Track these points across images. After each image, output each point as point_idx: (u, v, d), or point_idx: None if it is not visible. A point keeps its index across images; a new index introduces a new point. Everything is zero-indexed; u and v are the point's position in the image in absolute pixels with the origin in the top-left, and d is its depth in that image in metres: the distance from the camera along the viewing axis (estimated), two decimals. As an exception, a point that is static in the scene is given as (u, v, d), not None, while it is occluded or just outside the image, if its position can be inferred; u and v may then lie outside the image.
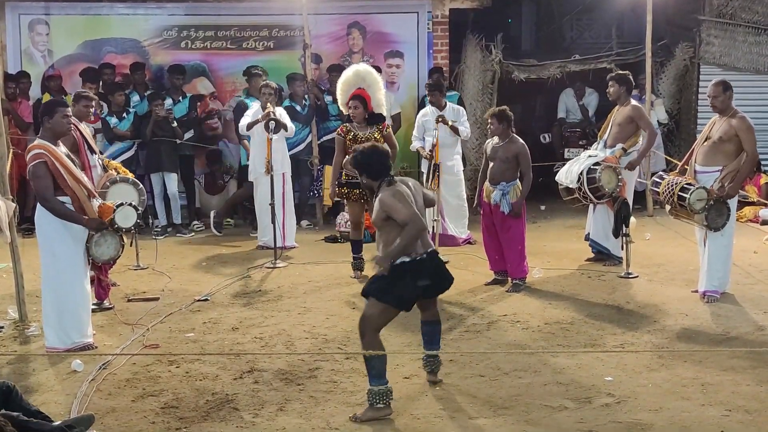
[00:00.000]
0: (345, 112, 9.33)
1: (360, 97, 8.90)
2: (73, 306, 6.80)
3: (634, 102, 9.50)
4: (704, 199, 7.71)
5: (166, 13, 12.85)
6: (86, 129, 8.60)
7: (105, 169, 8.61)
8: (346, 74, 9.21)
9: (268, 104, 10.20)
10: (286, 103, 11.66)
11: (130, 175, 8.71)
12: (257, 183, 10.47)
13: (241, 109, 11.40)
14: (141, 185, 8.70)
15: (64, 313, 6.76)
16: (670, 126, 13.56)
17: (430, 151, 10.21)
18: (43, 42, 12.73)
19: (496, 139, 8.61)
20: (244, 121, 10.48)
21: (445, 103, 10.54)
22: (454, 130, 10.33)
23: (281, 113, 10.50)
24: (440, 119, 10.18)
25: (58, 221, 6.69)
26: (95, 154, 8.60)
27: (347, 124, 9.04)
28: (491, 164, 8.59)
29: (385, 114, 9.28)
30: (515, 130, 8.64)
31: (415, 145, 10.72)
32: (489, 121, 8.56)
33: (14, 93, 11.88)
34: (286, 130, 10.36)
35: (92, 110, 9.01)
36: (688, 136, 13.15)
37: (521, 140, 8.56)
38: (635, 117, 9.24)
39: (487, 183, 8.66)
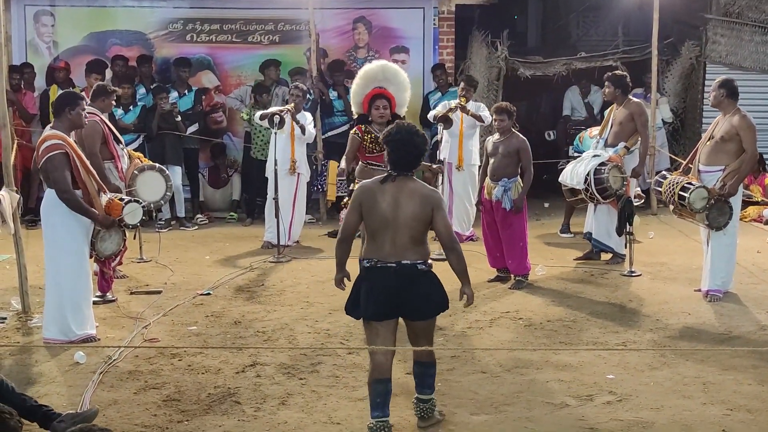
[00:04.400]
0: (358, 110, 8.40)
1: (387, 98, 8.08)
2: (76, 299, 6.80)
3: (635, 99, 9.49)
4: (705, 198, 7.70)
5: (172, 5, 12.84)
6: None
7: (130, 158, 8.71)
8: (370, 68, 8.37)
9: (291, 103, 10.21)
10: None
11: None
12: (271, 180, 10.32)
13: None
14: (167, 171, 8.86)
15: (68, 305, 6.76)
16: (675, 125, 13.54)
17: (451, 109, 10.16)
18: (49, 33, 12.73)
19: (496, 135, 8.60)
20: (260, 112, 10.52)
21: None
22: (477, 117, 10.34)
23: (305, 117, 10.50)
24: (458, 106, 10.17)
25: (67, 213, 6.67)
26: (121, 144, 8.68)
27: (366, 125, 8.21)
28: (491, 160, 8.58)
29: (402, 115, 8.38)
30: (518, 126, 8.65)
31: (437, 110, 10.40)
32: (496, 117, 8.53)
33: (18, 84, 11.87)
34: (303, 133, 10.36)
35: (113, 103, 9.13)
36: (693, 135, 13.13)
37: (522, 135, 8.55)
38: (635, 114, 9.20)
39: (487, 179, 8.64)
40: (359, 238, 5.39)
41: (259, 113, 10.44)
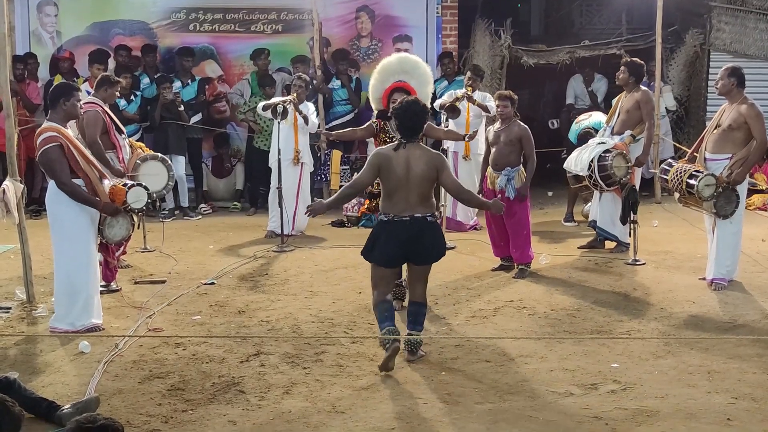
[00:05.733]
0: (378, 106, 7.82)
1: (407, 91, 7.41)
2: (85, 288, 6.80)
3: (643, 87, 9.46)
4: (713, 186, 7.69)
5: (175, -5, 12.84)
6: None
7: (131, 149, 8.74)
8: (388, 61, 7.93)
9: (293, 94, 10.21)
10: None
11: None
12: (274, 170, 10.31)
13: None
14: (169, 161, 8.91)
15: (76, 294, 6.77)
16: (679, 113, 13.51)
17: (457, 98, 10.11)
18: (52, 23, 12.74)
19: (497, 123, 8.57)
20: (263, 102, 10.54)
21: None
22: (483, 108, 10.33)
23: (308, 107, 10.52)
24: (464, 96, 10.14)
25: (71, 203, 6.68)
26: (123, 134, 8.70)
27: (386, 122, 7.62)
28: (493, 149, 8.55)
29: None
30: (520, 115, 8.62)
31: (443, 99, 10.27)
32: (499, 103, 8.51)
33: (22, 74, 11.88)
34: (306, 123, 10.37)
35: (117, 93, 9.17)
36: (697, 123, 13.11)
37: (523, 124, 8.51)
38: (641, 102, 9.18)
39: (490, 169, 8.62)
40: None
41: (261, 104, 10.43)
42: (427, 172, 5.97)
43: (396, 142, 6.10)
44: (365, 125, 7.98)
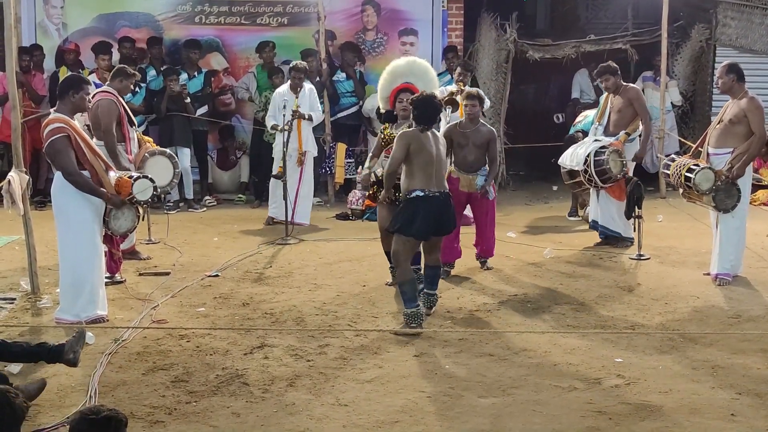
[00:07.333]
0: (385, 106, 7.95)
1: (411, 92, 7.51)
2: (90, 279, 6.81)
3: (631, 84, 9.45)
4: (711, 180, 7.69)
5: (180, -13, 12.82)
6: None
7: (139, 143, 8.74)
8: (397, 63, 8.03)
9: (298, 88, 10.33)
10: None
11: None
12: (277, 158, 10.33)
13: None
14: (176, 158, 8.94)
15: (81, 286, 6.77)
16: (685, 108, 13.48)
17: (453, 93, 10.08)
18: (58, 15, 12.72)
19: (464, 123, 8.29)
20: (270, 122, 10.65)
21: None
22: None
23: (310, 91, 10.55)
24: (458, 92, 10.12)
25: (77, 194, 6.68)
26: (134, 126, 8.71)
27: (390, 124, 7.77)
28: (461, 152, 8.24)
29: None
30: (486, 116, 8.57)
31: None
32: (467, 102, 8.23)
33: (28, 66, 11.87)
34: (311, 120, 10.42)
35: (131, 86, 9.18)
36: (702, 118, 13.08)
37: (488, 125, 8.40)
38: (632, 99, 9.16)
39: (457, 171, 8.29)
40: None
41: (271, 123, 10.51)
42: (445, 155, 7.01)
43: (419, 127, 6.80)
44: (377, 141, 7.93)
